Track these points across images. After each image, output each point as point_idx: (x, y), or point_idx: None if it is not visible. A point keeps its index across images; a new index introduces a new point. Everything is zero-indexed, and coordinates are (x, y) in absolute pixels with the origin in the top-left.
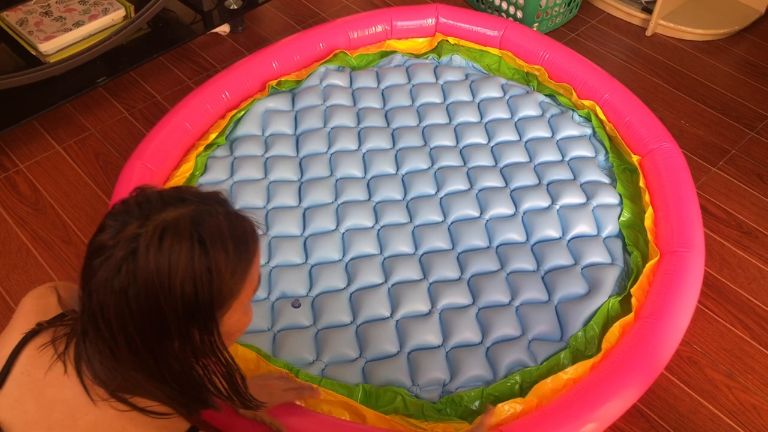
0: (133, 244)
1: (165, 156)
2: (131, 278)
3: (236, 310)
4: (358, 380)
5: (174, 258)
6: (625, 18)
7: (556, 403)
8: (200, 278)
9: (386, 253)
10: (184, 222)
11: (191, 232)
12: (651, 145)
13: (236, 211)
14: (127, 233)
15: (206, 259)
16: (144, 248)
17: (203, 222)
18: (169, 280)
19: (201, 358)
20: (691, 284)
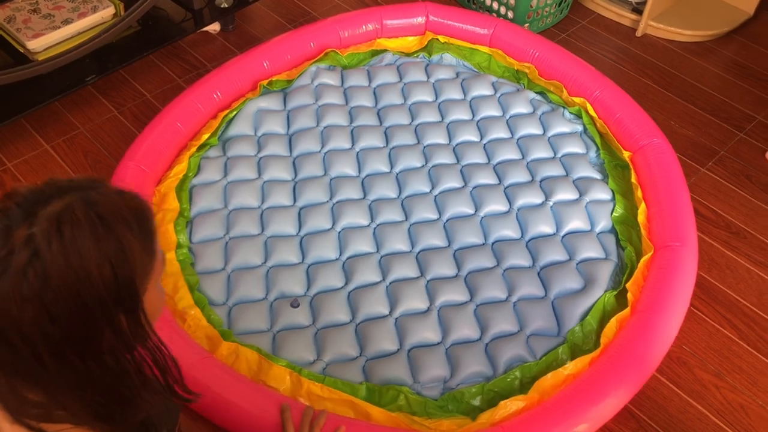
0: (31, 245)
1: (157, 157)
2: (42, 281)
3: (153, 288)
4: (359, 379)
5: (81, 246)
6: (615, 19)
7: (556, 400)
8: (115, 258)
9: (383, 252)
10: (78, 207)
11: (89, 215)
12: (642, 142)
13: (121, 189)
14: (18, 237)
15: (114, 238)
16: (46, 245)
17: (97, 203)
18: (84, 270)
19: (134, 345)
20: (686, 278)
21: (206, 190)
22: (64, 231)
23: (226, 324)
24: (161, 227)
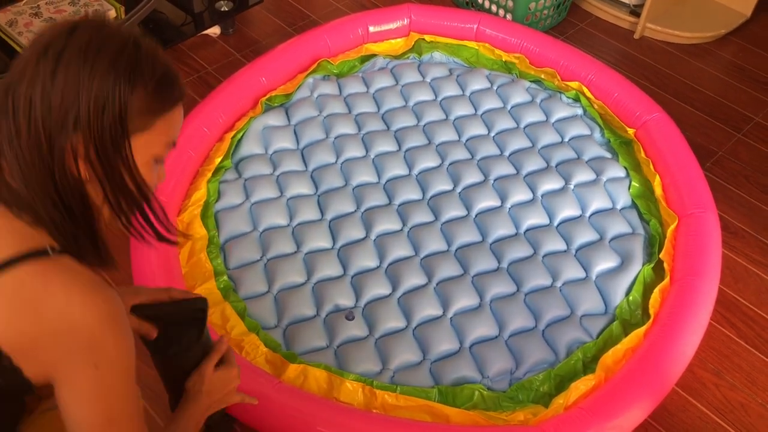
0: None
1: (175, 186)
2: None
3: (150, 141)
4: (428, 382)
5: (110, 31)
6: (613, 21)
7: (622, 375)
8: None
9: (422, 254)
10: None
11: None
12: (644, 117)
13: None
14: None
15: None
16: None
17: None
18: (105, 43)
19: (107, 164)
20: (715, 240)
21: (232, 214)
22: (88, 56)
23: (284, 346)
24: (192, 257)
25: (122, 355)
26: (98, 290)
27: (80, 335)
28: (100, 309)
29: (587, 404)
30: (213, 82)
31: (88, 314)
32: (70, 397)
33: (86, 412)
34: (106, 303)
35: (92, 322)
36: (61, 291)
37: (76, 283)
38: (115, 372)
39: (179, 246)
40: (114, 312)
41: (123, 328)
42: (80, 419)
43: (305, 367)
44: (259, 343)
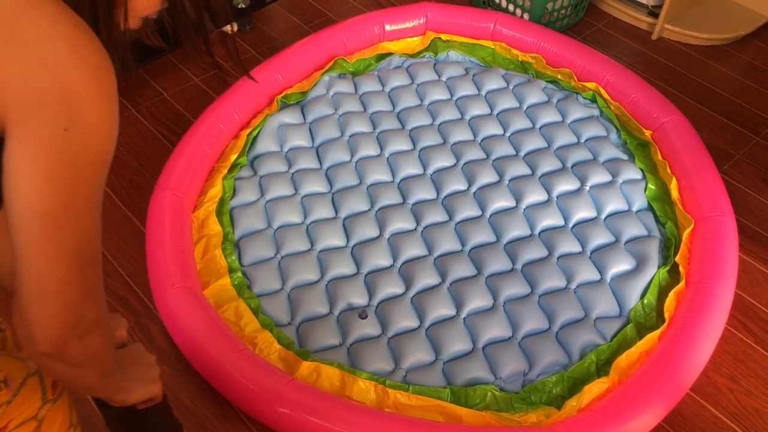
0: None
1: (191, 182)
2: None
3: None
4: (440, 382)
5: None
6: (631, 22)
7: (636, 378)
8: None
9: (435, 254)
10: None
11: None
12: (661, 119)
13: None
14: None
15: None
16: None
17: None
18: None
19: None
20: (731, 244)
21: (247, 211)
22: None
23: (297, 343)
24: (207, 254)
25: (102, 125)
26: (93, 38)
27: (57, 82)
28: (91, 57)
29: (600, 407)
30: (230, 79)
31: (75, 57)
32: (20, 161)
33: (36, 187)
34: (99, 54)
35: (76, 73)
36: (48, 18)
37: (69, 18)
38: (86, 144)
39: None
40: (108, 69)
41: (113, 93)
42: (26, 195)
43: (318, 365)
44: (272, 340)
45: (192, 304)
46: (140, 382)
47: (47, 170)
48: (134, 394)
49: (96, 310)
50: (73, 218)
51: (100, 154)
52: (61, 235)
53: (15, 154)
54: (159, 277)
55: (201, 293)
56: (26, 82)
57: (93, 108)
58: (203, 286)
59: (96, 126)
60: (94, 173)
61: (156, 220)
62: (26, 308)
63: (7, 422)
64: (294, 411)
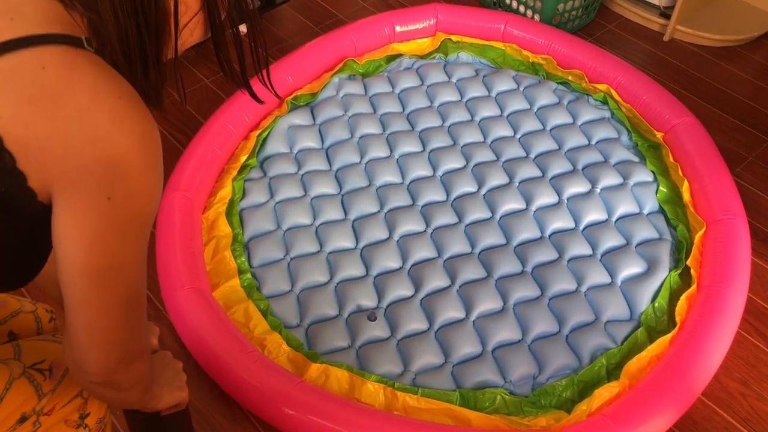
0: None
1: (200, 184)
2: None
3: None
4: (450, 385)
5: None
6: (642, 23)
7: (647, 382)
8: None
9: (445, 256)
10: None
11: None
12: (673, 121)
13: None
14: None
15: None
16: None
17: None
18: None
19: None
20: (743, 247)
21: (256, 212)
22: None
23: (306, 345)
24: (216, 255)
25: (145, 192)
26: (137, 104)
27: (100, 151)
28: (135, 126)
29: (611, 411)
30: None
31: (118, 128)
32: (65, 227)
33: (81, 251)
34: (143, 122)
35: (120, 140)
36: (89, 89)
37: (111, 88)
38: (130, 210)
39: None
40: (151, 137)
41: (156, 160)
42: (73, 257)
43: (327, 367)
44: (281, 341)
45: (201, 306)
46: (168, 389)
47: (91, 236)
48: (163, 400)
49: (141, 342)
50: (118, 276)
51: (144, 217)
52: (107, 291)
53: (61, 220)
54: (169, 279)
55: (210, 294)
56: (68, 156)
57: (136, 177)
58: (213, 287)
59: (139, 193)
60: (138, 235)
61: (166, 221)
62: (77, 350)
63: (53, 406)
64: (303, 413)
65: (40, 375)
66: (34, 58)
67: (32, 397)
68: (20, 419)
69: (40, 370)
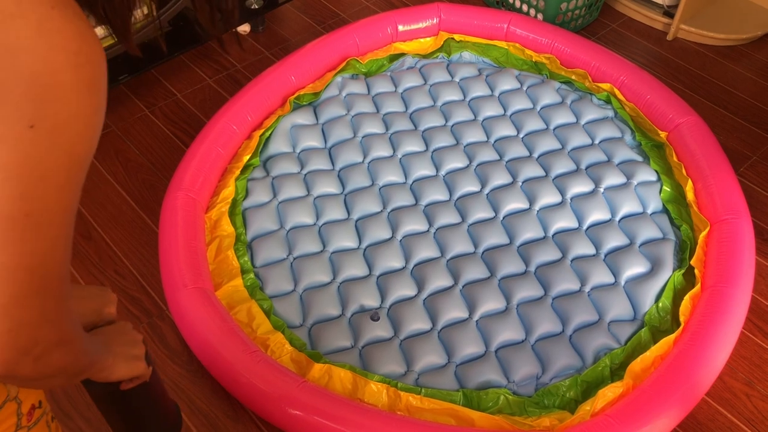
0: None
1: (203, 183)
2: None
3: None
4: (453, 385)
5: None
6: (646, 22)
7: (650, 382)
8: None
9: (448, 256)
10: None
11: None
12: (676, 120)
13: None
14: None
15: None
16: None
17: None
18: None
19: None
20: (748, 247)
21: (259, 212)
22: None
23: (309, 345)
24: (219, 254)
25: (78, 123)
26: (77, 18)
27: (21, 65)
28: (69, 42)
29: (614, 412)
30: (242, 80)
31: (46, 40)
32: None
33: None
34: (81, 37)
35: (48, 55)
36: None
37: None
38: (57, 144)
39: None
40: (90, 56)
41: (95, 85)
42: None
43: (330, 367)
44: (284, 341)
45: (204, 305)
46: (123, 359)
47: (8, 171)
48: (117, 370)
49: (56, 333)
50: (37, 228)
51: (74, 157)
52: (21, 245)
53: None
54: (172, 278)
55: (213, 294)
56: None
57: (67, 102)
58: (216, 287)
59: (70, 123)
60: (64, 179)
61: (169, 221)
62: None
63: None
64: (306, 413)
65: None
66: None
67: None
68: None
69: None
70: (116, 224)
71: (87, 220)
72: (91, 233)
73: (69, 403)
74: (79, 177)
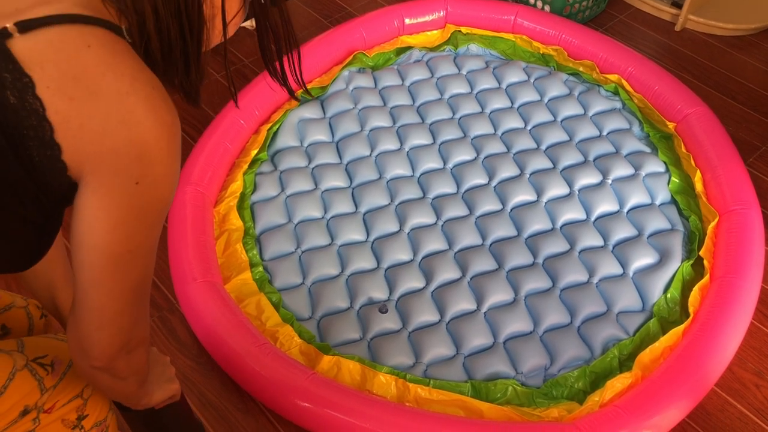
0: None
1: (212, 177)
2: None
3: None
4: (461, 376)
5: None
6: (653, 13)
7: (660, 373)
8: None
9: (456, 248)
10: None
11: None
12: (685, 111)
13: None
14: None
15: None
16: None
17: None
18: None
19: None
20: (757, 238)
21: (267, 205)
22: None
23: (318, 338)
24: (228, 248)
25: (168, 179)
26: (167, 96)
27: (135, 135)
28: (165, 120)
29: (623, 402)
30: (249, 75)
31: (152, 115)
32: (92, 208)
33: (105, 233)
34: (172, 113)
35: (153, 127)
36: (129, 75)
37: (147, 77)
38: (153, 196)
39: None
40: (178, 128)
41: (179, 151)
42: (95, 239)
43: (339, 359)
44: (293, 334)
45: (214, 299)
46: (158, 384)
47: (117, 218)
48: (156, 395)
49: (144, 330)
50: (135, 260)
51: (163, 204)
52: (124, 274)
53: (88, 201)
54: (181, 272)
55: (222, 287)
56: (105, 137)
57: (163, 164)
58: (225, 280)
59: (164, 180)
60: (156, 221)
61: (178, 215)
62: (84, 331)
63: (53, 403)
64: (315, 405)
65: (42, 369)
66: (79, 35)
67: (34, 390)
68: (22, 412)
69: (43, 364)
70: None
71: None
72: None
73: None
74: (163, 218)
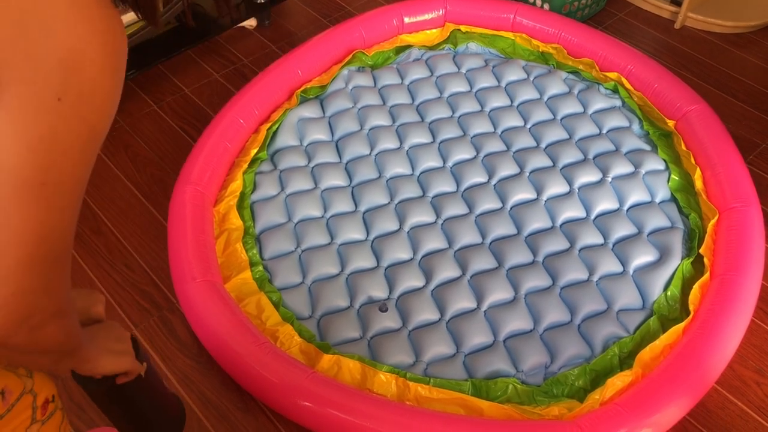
0: None
1: (211, 177)
2: None
3: None
4: (462, 375)
5: None
6: (653, 11)
7: (661, 372)
8: None
9: (455, 246)
10: None
11: None
12: (684, 109)
13: None
14: None
15: None
16: None
17: None
18: None
19: None
20: (757, 235)
21: (267, 205)
22: None
23: (318, 337)
24: (228, 248)
25: (100, 97)
26: (107, 7)
27: (55, 41)
28: (97, 21)
29: (623, 400)
30: (249, 74)
31: (77, 17)
32: (5, 123)
33: (16, 154)
34: (108, 18)
35: (78, 32)
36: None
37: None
38: (80, 117)
39: None
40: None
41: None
42: (4, 159)
43: (339, 358)
44: (293, 333)
45: (214, 298)
46: (108, 353)
47: (32, 139)
48: (103, 364)
49: (55, 305)
50: (50, 197)
51: (92, 131)
52: (36, 214)
53: (0, 116)
54: (181, 271)
55: (222, 287)
56: (18, 41)
57: (92, 76)
58: (225, 279)
59: (93, 96)
60: (81, 152)
61: (177, 215)
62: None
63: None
64: (315, 404)
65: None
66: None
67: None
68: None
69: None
70: (125, 219)
71: (96, 214)
72: (100, 228)
73: (82, 396)
74: (93, 153)
